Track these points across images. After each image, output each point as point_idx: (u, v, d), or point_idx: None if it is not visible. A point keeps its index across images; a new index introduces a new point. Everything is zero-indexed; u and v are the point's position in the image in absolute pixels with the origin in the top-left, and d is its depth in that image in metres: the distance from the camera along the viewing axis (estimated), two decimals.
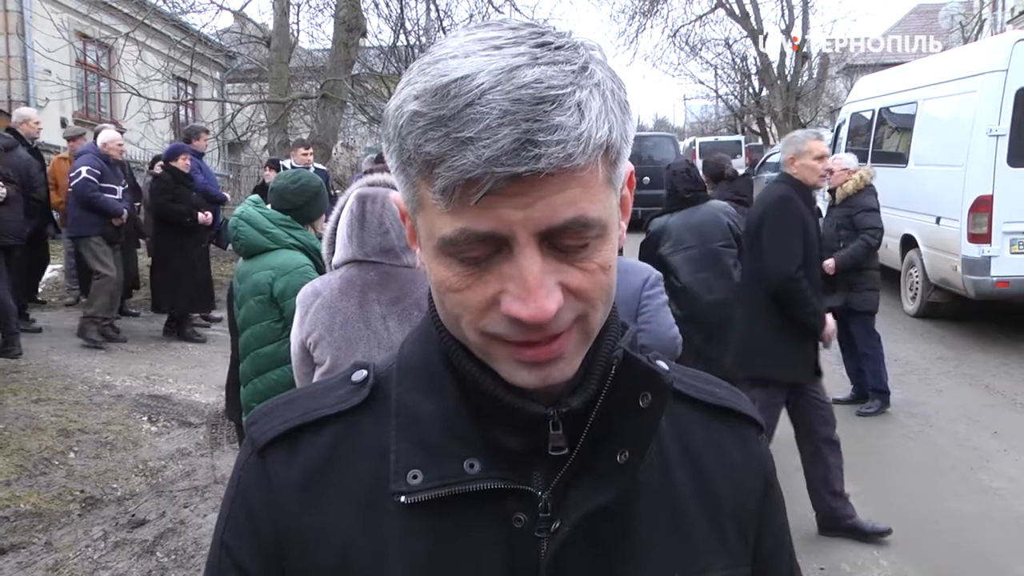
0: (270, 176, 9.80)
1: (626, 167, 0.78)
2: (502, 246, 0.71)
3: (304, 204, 3.80)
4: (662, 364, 0.87)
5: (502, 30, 0.72)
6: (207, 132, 10.54)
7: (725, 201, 6.23)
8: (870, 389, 6.97)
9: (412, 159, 0.71)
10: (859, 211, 6.84)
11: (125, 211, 8.44)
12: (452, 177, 0.68)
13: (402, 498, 0.80)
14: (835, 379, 7.75)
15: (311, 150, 11.30)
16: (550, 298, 0.71)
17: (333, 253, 2.88)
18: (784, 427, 6.48)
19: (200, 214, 8.80)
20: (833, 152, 13.58)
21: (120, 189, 8.45)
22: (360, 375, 0.88)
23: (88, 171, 8.11)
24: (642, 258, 5.35)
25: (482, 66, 0.68)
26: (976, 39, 21.48)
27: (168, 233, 9.00)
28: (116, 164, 8.50)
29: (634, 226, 4.93)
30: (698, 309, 5.39)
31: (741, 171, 8.35)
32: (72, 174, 8.24)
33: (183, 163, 8.95)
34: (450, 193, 0.69)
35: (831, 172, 7.22)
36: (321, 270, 3.79)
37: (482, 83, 0.67)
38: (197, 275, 8.88)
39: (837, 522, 4.71)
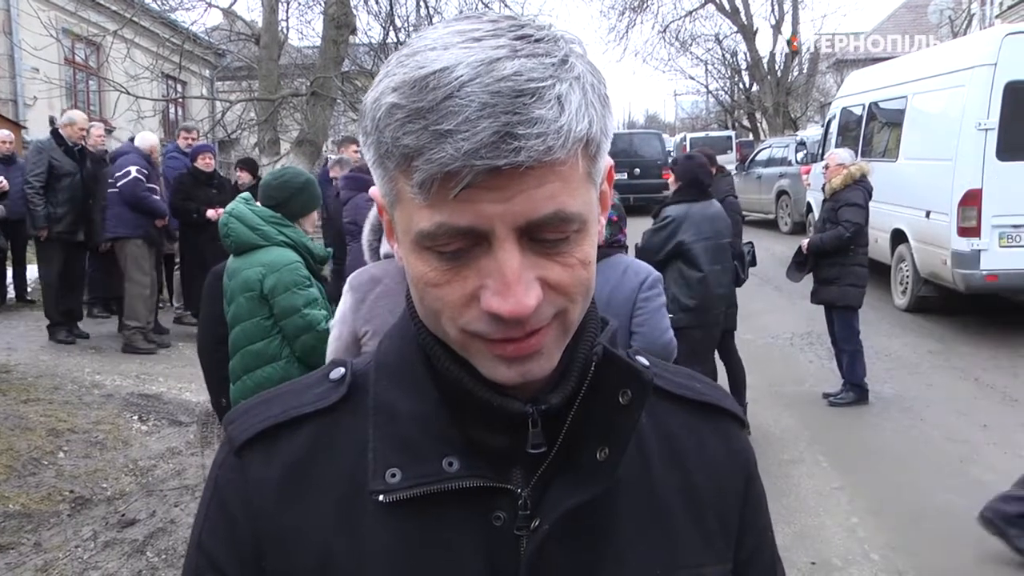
0: (243, 177, 9.74)
1: (606, 162, 0.78)
2: (481, 240, 0.71)
3: (287, 200, 3.79)
4: (642, 360, 0.87)
5: (481, 22, 0.72)
6: (187, 131, 10.47)
7: (726, 196, 6.33)
8: (845, 381, 7.01)
9: (390, 152, 0.71)
10: (842, 205, 6.88)
11: (167, 213, 8.50)
12: (430, 170, 0.68)
13: (380, 497, 0.79)
14: (824, 374, 7.79)
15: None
16: (529, 293, 0.71)
17: (379, 240, 2.77)
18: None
19: (211, 210, 8.55)
20: (823, 148, 13.65)
21: (158, 191, 8.49)
22: (338, 373, 0.87)
23: (137, 171, 8.12)
24: (654, 244, 5.42)
25: (461, 58, 0.67)
26: (965, 33, 21.55)
27: (183, 232, 9.03)
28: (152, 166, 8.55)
29: (629, 211, 4.95)
30: (708, 300, 5.48)
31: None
32: (119, 173, 8.16)
33: (203, 163, 8.95)
34: (428, 186, 0.69)
35: (826, 168, 7.31)
36: (311, 267, 3.79)
37: (461, 75, 0.67)
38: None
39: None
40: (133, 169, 8.13)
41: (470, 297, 0.72)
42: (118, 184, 8.18)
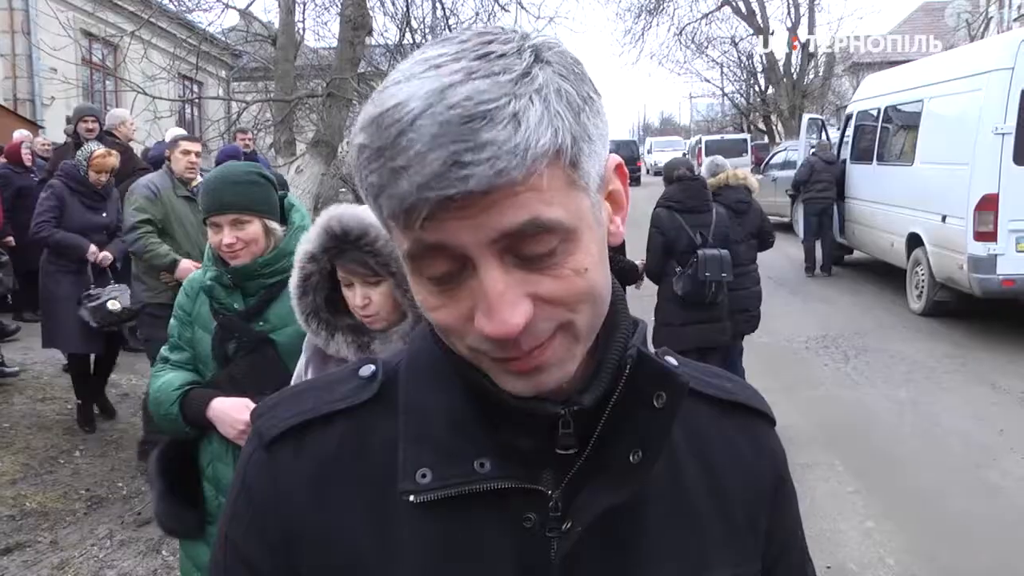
0: None
1: (602, 162, 0.75)
2: (467, 262, 0.70)
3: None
4: (672, 361, 0.86)
5: (451, 45, 0.70)
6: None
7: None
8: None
9: (365, 189, 0.72)
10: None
11: None
12: (392, 206, 0.69)
13: (411, 497, 0.79)
14: (839, 377, 7.76)
15: None
16: (515, 312, 0.69)
17: None
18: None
19: None
20: (840, 151, 13.59)
21: None
22: (368, 370, 0.87)
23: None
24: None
25: (415, 91, 0.67)
26: (982, 37, 21.42)
27: None
28: None
29: None
30: None
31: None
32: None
33: None
34: (397, 219, 0.70)
35: None
36: None
37: (412, 109, 0.66)
38: None
39: None
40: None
41: (466, 319, 0.72)
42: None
